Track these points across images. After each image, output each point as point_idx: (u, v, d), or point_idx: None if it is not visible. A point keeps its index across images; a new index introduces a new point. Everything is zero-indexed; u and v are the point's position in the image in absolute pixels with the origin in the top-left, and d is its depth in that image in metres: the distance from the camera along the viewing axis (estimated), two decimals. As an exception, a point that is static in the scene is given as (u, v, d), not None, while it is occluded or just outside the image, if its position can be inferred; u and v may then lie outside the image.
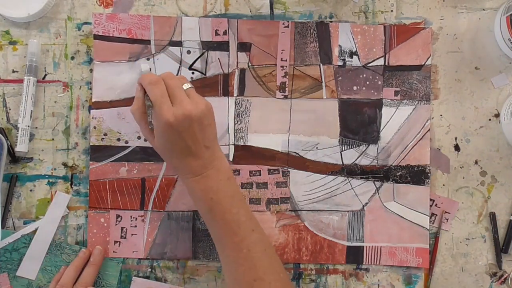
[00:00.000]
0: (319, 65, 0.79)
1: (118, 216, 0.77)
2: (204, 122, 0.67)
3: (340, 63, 0.79)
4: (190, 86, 0.69)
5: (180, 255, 0.78)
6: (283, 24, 0.79)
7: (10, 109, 0.77)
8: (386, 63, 0.79)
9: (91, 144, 0.77)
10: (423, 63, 0.79)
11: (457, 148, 0.80)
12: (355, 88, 0.79)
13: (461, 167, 0.80)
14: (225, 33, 0.78)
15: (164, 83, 0.67)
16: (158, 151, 0.71)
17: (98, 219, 0.77)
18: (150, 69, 0.76)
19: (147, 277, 0.77)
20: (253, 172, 0.78)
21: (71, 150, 0.78)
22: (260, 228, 0.70)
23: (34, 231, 0.76)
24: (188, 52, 0.78)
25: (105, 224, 0.77)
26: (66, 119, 0.78)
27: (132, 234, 0.77)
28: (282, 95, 0.79)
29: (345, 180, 0.79)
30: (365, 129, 0.79)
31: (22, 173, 0.77)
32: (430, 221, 0.79)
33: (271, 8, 0.79)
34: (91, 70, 0.78)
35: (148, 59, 0.78)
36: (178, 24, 0.78)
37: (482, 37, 0.80)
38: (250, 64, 0.79)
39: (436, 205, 0.79)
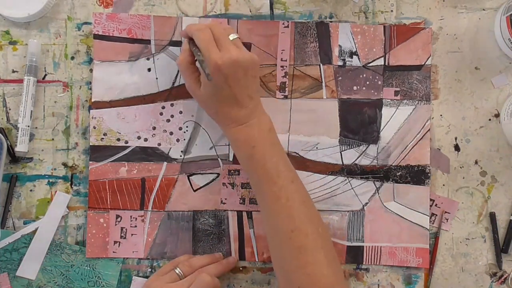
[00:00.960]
0: (319, 65, 0.79)
1: (118, 216, 0.77)
2: (249, 72, 0.69)
3: (340, 63, 0.79)
4: (236, 36, 0.70)
5: (180, 255, 0.77)
6: (283, 24, 0.79)
7: (10, 109, 0.77)
8: (386, 63, 0.79)
9: (90, 144, 0.77)
10: (423, 63, 0.79)
11: (457, 148, 0.80)
12: (355, 88, 0.79)
13: (461, 167, 0.80)
14: (225, 33, 0.78)
15: (210, 31, 0.69)
16: (202, 101, 0.72)
17: (98, 220, 0.77)
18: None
19: (147, 277, 0.77)
20: (253, 172, 0.78)
21: (71, 150, 0.78)
22: (299, 181, 0.70)
23: (34, 231, 0.76)
24: (188, 52, 0.78)
25: (105, 225, 0.77)
26: (66, 119, 0.78)
27: (132, 234, 0.77)
28: (282, 95, 0.79)
29: (345, 180, 0.79)
30: (365, 129, 0.79)
31: (22, 173, 0.77)
32: (430, 221, 0.79)
33: (271, 8, 0.79)
34: (91, 70, 0.78)
35: (148, 58, 0.78)
36: (178, 24, 0.78)
37: (482, 37, 0.80)
38: (250, 64, 0.79)
39: (436, 205, 0.79)
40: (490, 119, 0.80)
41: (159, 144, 0.78)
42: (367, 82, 0.79)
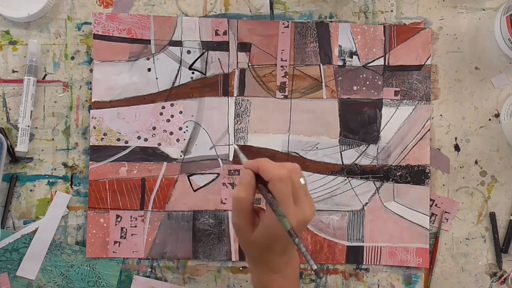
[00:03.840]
0: (319, 65, 0.79)
1: (118, 216, 0.77)
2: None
3: (340, 63, 0.79)
4: (304, 182, 0.61)
5: (180, 255, 0.78)
6: (283, 24, 0.79)
7: (10, 109, 0.77)
8: (386, 63, 0.79)
9: (90, 144, 0.77)
10: (423, 63, 0.79)
11: (457, 148, 0.80)
12: (355, 88, 0.79)
13: (461, 167, 0.80)
14: (225, 33, 0.78)
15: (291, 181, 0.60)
16: (249, 245, 0.64)
17: (98, 219, 0.77)
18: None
19: (147, 277, 0.77)
20: (253, 172, 0.78)
21: (71, 150, 0.78)
22: None
23: (34, 231, 0.76)
24: (188, 52, 0.78)
25: (105, 225, 0.77)
26: (66, 119, 0.78)
27: (132, 234, 0.77)
28: (282, 95, 0.79)
29: (345, 180, 0.79)
30: (365, 129, 0.79)
31: (22, 173, 0.77)
32: (430, 221, 0.79)
33: (271, 8, 0.79)
34: (91, 70, 0.78)
35: (148, 58, 0.78)
36: (178, 24, 0.78)
37: (482, 37, 0.80)
38: (250, 64, 0.79)
39: (436, 205, 0.79)
40: (490, 119, 0.80)
41: (159, 144, 0.78)
42: (367, 82, 0.79)
